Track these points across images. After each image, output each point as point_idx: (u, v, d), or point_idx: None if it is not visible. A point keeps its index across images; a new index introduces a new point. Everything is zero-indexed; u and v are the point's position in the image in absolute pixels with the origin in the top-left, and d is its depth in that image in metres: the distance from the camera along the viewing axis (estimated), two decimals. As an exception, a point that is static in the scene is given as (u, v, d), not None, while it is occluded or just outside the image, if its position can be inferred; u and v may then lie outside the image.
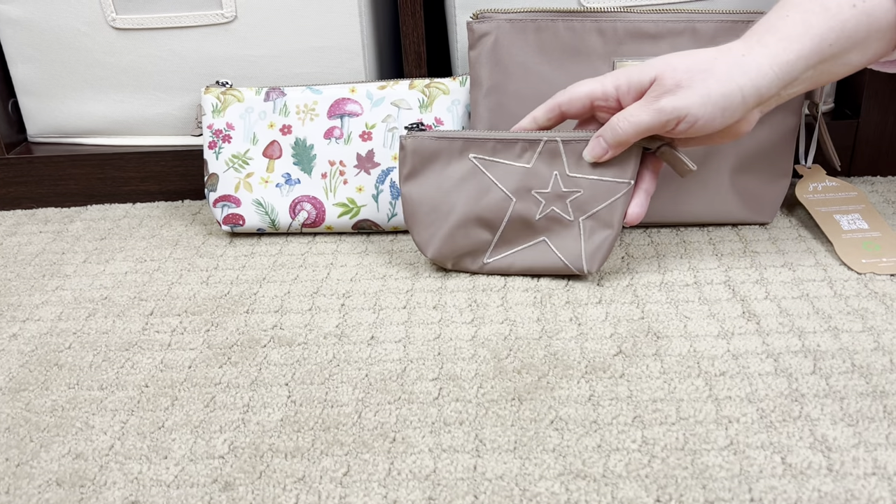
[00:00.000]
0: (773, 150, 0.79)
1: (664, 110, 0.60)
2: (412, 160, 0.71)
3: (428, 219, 0.72)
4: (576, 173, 0.69)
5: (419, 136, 0.71)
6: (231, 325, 0.69)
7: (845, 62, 0.59)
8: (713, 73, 0.59)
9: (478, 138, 0.70)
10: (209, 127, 0.84)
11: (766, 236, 0.79)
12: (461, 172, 0.71)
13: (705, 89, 0.59)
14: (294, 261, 0.80)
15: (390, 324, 0.68)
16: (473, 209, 0.70)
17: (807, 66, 0.58)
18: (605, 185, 0.69)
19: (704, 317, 0.67)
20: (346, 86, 0.83)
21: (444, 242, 0.71)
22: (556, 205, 0.70)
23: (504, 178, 0.70)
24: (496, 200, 0.70)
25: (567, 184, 0.69)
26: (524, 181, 0.70)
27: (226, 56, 0.88)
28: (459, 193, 0.71)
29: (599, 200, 0.69)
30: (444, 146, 0.70)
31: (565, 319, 0.67)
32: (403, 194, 0.72)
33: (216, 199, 0.84)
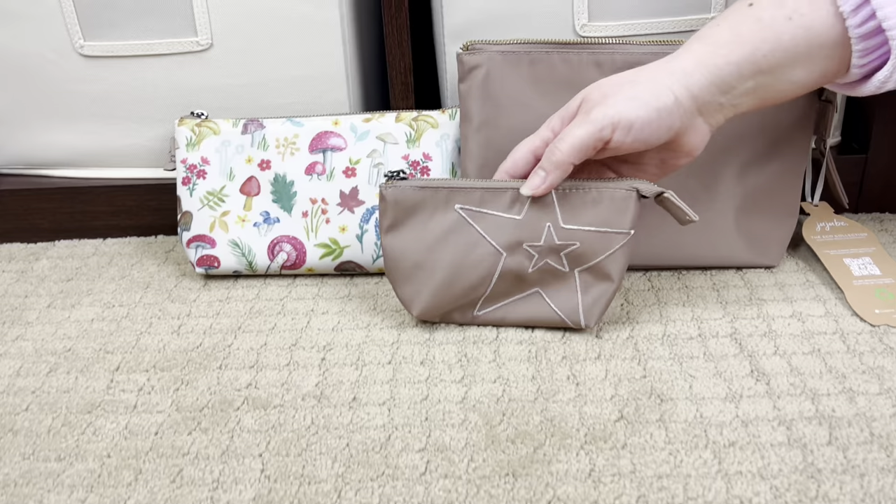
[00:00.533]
0: (780, 188, 0.75)
1: (596, 119, 0.58)
2: (393, 212, 0.66)
3: (412, 274, 0.67)
4: (571, 224, 0.64)
5: (400, 186, 0.66)
6: (202, 382, 0.64)
7: (790, 79, 0.58)
8: (639, 79, 0.58)
9: (464, 188, 0.65)
10: (183, 161, 0.79)
11: (773, 281, 0.75)
12: (447, 224, 0.66)
13: (632, 91, 0.58)
14: (272, 307, 0.75)
15: (374, 382, 0.63)
16: (461, 264, 0.66)
17: (740, 74, 0.57)
18: (601, 237, 0.64)
19: (711, 375, 0.62)
20: (329, 118, 0.78)
21: (430, 299, 0.67)
22: (550, 258, 0.65)
23: (493, 231, 0.65)
24: (485, 255, 0.65)
25: (561, 236, 0.64)
26: (515, 234, 0.65)
27: (201, 86, 0.83)
28: (445, 247, 0.66)
29: (597, 253, 0.64)
30: (428, 196, 0.66)
31: (562, 378, 0.63)
32: (384, 248, 0.67)
33: (190, 239, 0.79)
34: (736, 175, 0.74)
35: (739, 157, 0.74)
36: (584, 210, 0.64)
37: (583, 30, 0.78)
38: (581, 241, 0.64)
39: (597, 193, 0.63)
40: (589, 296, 0.66)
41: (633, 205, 0.63)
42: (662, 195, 0.63)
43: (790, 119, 0.72)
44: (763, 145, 0.74)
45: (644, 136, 0.58)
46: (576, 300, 0.66)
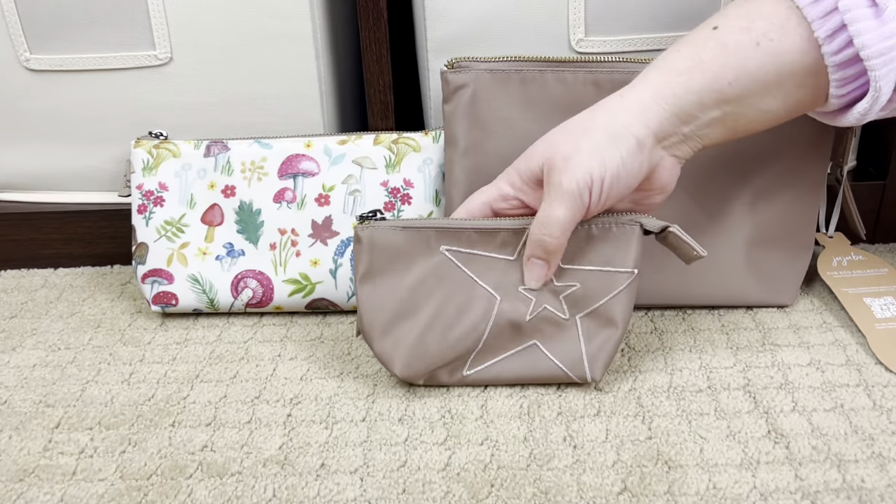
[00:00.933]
0: (794, 218, 0.68)
1: (571, 191, 0.53)
2: (369, 256, 0.59)
3: (391, 326, 0.59)
4: (569, 264, 0.58)
5: (378, 227, 0.59)
6: (152, 443, 0.57)
7: (760, 108, 0.53)
8: (594, 126, 0.54)
9: (451, 228, 0.58)
10: (139, 187, 0.72)
11: (787, 323, 0.68)
12: (431, 268, 0.59)
13: (592, 145, 0.53)
14: (235, 351, 0.68)
15: (345, 444, 0.56)
16: (449, 312, 0.59)
17: (701, 104, 0.53)
18: (603, 277, 0.57)
19: (723, 437, 0.56)
20: (301, 140, 0.71)
21: (412, 356, 0.59)
22: (549, 301, 0.58)
23: (485, 273, 0.58)
24: (477, 301, 0.58)
25: (560, 277, 0.58)
26: (509, 276, 0.58)
27: (160, 103, 0.75)
28: (430, 294, 0.59)
29: (599, 295, 0.58)
30: (410, 238, 0.58)
31: (558, 439, 0.56)
32: (359, 298, 0.60)
33: (145, 273, 0.72)
34: (747, 205, 0.68)
35: (750, 184, 0.67)
36: (583, 248, 0.57)
37: (579, 45, 0.71)
38: (581, 283, 0.58)
39: (595, 230, 0.57)
40: (593, 344, 0.59)
41: (636, 241, 0.57)
42: (667, 230, 0.56)
43: (805, 142, 0.66)
44: (776, 172, 0.67)
45: (618, 187, 0.54)
46: (579, 350, 0.59)
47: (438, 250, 0.58)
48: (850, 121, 0.54)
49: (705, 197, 0.67)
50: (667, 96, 0.53)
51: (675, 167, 0.56)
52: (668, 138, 0.54)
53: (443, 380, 0.61)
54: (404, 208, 0.70)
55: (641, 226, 0.57)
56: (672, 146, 0.55)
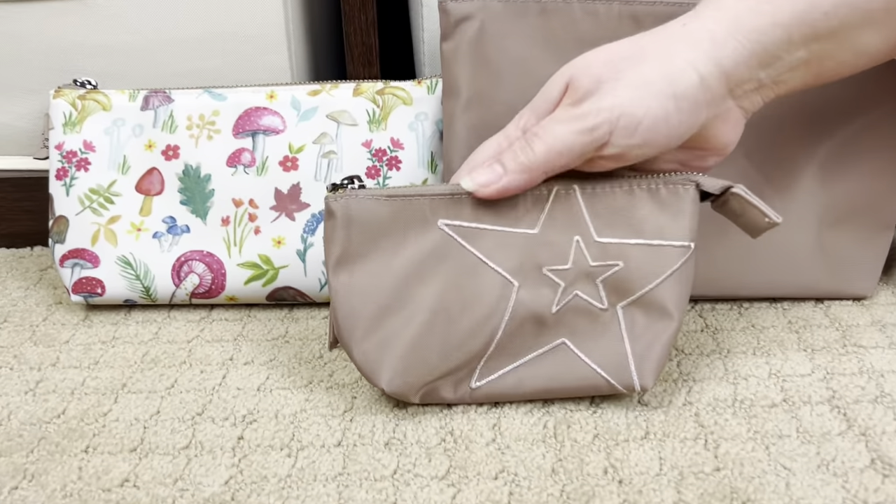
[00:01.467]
0: (873, 192, 0.55)
1: (587, 115, 0.41)
2: (346, 236, 0.45)
3: (377, 324, 0.45)
4: (608, 237, 0.44)
5: (356, 197, 0.44)
6: (55, 477, 0.43)
7: (856, 46, 0.42)
8: (644, 55, 0.42)
9: (451, 195, 0.44)
10: (58, 147, 0.57)
11: (868, 319, 0.55)
12: (427, 249, 0.45)
13: (639, 76, 0.41)
14: (175, 353, 0.53)
15: (314, 479, 0.42)
16: (452, 306, 0.45)
17: (789, 40, 0.41)
18: (652, 253, 0.44)
19: (814, 468, 0.42)
20: (263, 89, 0.57)
21: (404, 364, 0.45)
22: (582, 287, 0.45)
23: (498, 253, 0.45)
24: (488, 288, 0.45)
25: (597, 254, 0.44)
26: (530, 255, 0.45)
27: (87, 44, 0.61)
28: (426, 282, 0.45)
29: (646, 277, 0.44)
30: (399, 210, 0.45)
31: (597, 471, 0.42)
32: (333, 289, 0.45)
33: (64, 254, 0.57)
34: (817, 173, 0.55)
35: (823, 147, 0.54)
36: (625, 216, 0.44)
37: (611, -29, 0.57)
38: (625, 261, 0.44)
39: (640, 192, 0.44)
40: (641, 342, 0.45)
41: (691, 206, 0.44)
42: (730, 192, 0.43)
43: (891, 96, 0.53)
44: (856, 128, 0.54)
45: (657, 138, 0.42)
46: (623, 350, 0.45)
47: (436, 225, 0.45)
48: None
49: (768, 161, 0.54)
50: (747, 30, 0.41)
51: (740, 122, 0.44)
52: (741, 85, 0.42)
53: (445, 395, 0.46)
54: (392, 175, 0.56)
55: (698, 186, 0.44)
56: (743, 95, 0.43)
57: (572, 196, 0.44)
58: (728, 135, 0.44)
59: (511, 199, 0.45)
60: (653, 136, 0.41)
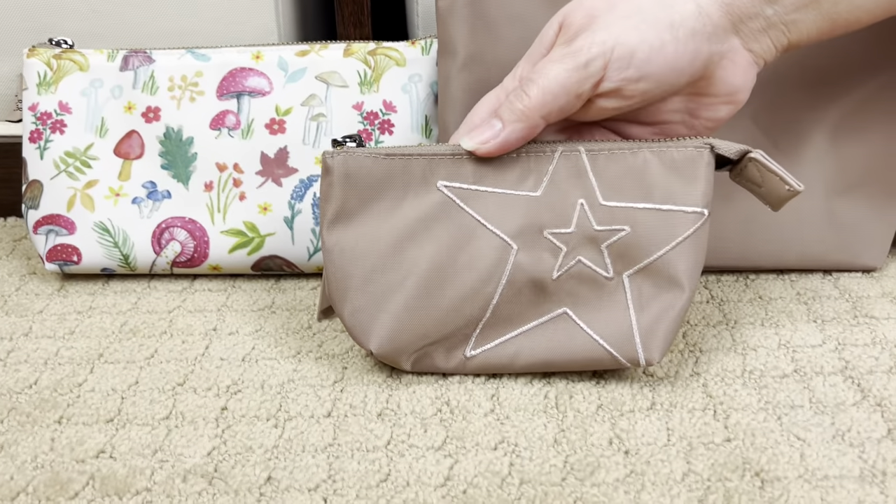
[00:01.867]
0: (883, 158, 0.53)
1: (581, 50, 0.39)
2: (343, 192, 0.42)
3: (369, 284, 0.43)
4: (615, 201, 0.42)
5: (355, 154, 0.42)
6: (26, 448, 0.40)
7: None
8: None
9: (451, 154, 0.42)
10: (32, 108, 0.55)
11: (879, 290, 0.53)
12: (425, 209, 0.43)
13: (633, 5, 0.39)
14: (155, 323, 0.50)
15: (302, 449, 0.40)
16: (447, 268, 0.42)
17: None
18: (662, 218, 0.42)
19: (829, 438, 0.40)
20: (248, 49, 0.54)
21: (397, 324, 0.43)
22: (585, 253, 0.42)
23: (497, 215, 0.42)
24: (485, 251, 0.42)
25: (602, 218, 0.42)
26: (531, 217, 0.42)
27: (63, 1, 0.58)
28: (422, 244, 0.42)
29: (655, 244, 0.42)
30: (397, 169, 0.42)
31: (602, 442, 0.40)
32: (327, 247, 0.43)
33: (38, 220, 0.54)
34: (826, 140, 0.52)
35: (832, 112, 0.52)
36: (634, 180, 0.42)
37: (613, -71, 0.54)
38: (632, 226, 0.42)
39: (650, 155, 0.42)
40: (648, 313, 0.42)
41: (705, 170, 0.42)
42: (748, 156, 0.41)
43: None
44: (867, 91, 0.52)
45: (654, 71, 0.39)
46: (628, 321, 0.43)
47: (435, 186, 0.43)
48: None
49: (776, 124, 0.52)
50: None
51: (751, 68, 0.41)
52: (745, 21, 0.40)
53: (437, 363, 0.44)
54: (384, 139, 0.54)
55: (713, 149, 0.41)
56: (750, 35, 0.40)
57: (577, 157, 0.42)
58: (737, 79, 0.41)
59: (513, 160, 0.42)
60: (650, 67, 0.39)
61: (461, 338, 0.43)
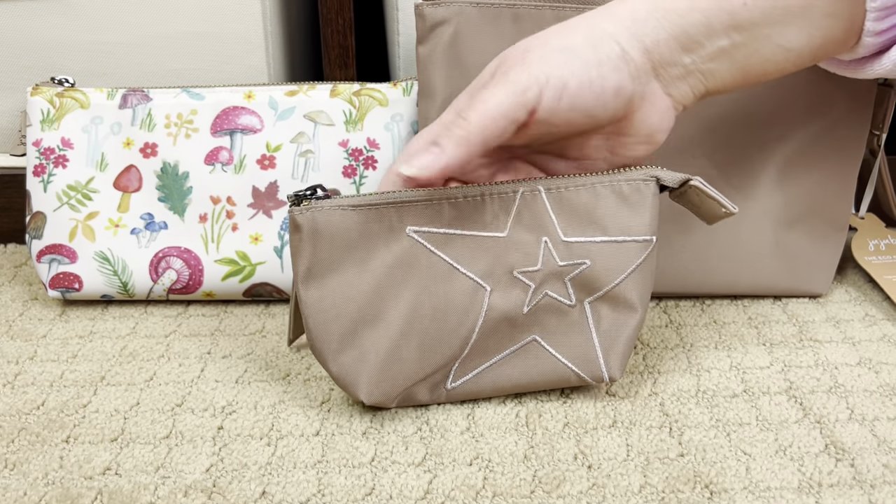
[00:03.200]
0: (828, 194, 0.58)
1: (518, 81, 0.41)
2: (313, 248, 0.44)
3: (351, 338, 0.45)
4: (575, 236, 0.45)
5: (322, 208, 0.43)
6: (37, 465, 0.43)
7: (780, 41, 0.43)
8: (569, 28, 0.43)
9: (418, 201, 0.44)
10: (36, 143, 0.58)
11: (823, 315, 0.57)
12: (397, 257, 0.44)
13: (564, 41, 0.42)
14: (153, 347, 0.54)
15: (294, 466, 0.43)
16: (426, 313, 0.45)
17: (709, 27, 0.42)
18: (617, 249, 0.46)
19: (772, 453, 0.44)
20: (241, 89, 0.58)
21: (382, 374, 0.45)
22: (551, 286, 0.46)
23: (468, 258, 0.45)
24: (461, 294, 0.45)
25: (564, 254, 0.45)
26: (501, 258, 0.45)
27: (66, 41, 0.62)
28: (398, 291, 0.45)
29: (612, 272, 0.46)
30: (367, 220, 0.44)
31: (568, 457, 0.44)
32: (304, 303, 0.44)
33: (41, 250, 0.57)
34: (776, 176, 0.57)
35: (781, 151, 0.57)
36: (590, 215, 0.45)
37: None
38: (592, 259, 0.45)
39: (604, 190, 0.45)
40: (607, 335, 0.47)
41: (652, 200, 0.46)
42: (688, 184, 0.45)
43: (844, 101, 0.56)
44: (810, 135, 0.56)
45: (582, 103, 0.42)
46: (591, 343, 0.47)
47: (404, 233, 0.44)
48: (879, 69, 0.43)
49: (730, 165, 0.56)
50: (666, 10, 0.42)
51: (669, 112, 0.44)
52: (665, 67, 0.43)
53: (421, 398, 0.47)
54: (368, 174, 0.58)
55: (658, 180, 0.45)
56: (669, 81, 0.44)
57: (538, 197, 0.45)
58: (655, 121, 0.44)
59: (479, 203, 0.45)
60: (579, 100, 0.41)
61: (442, 374, 0.47)
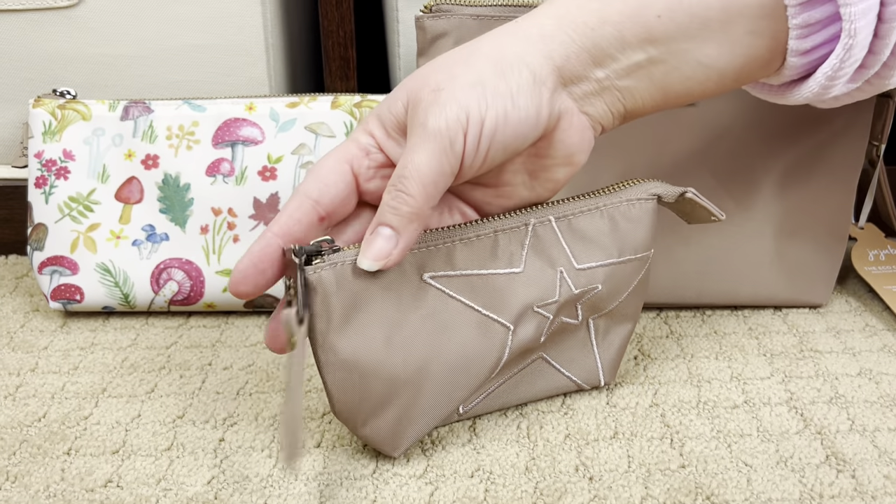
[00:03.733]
0: (827, 205, 0.58)
1: (438, 132, 0.38)
2: (332, 309, 0.39)
3: (390, 399, 0.42)
4: (588, 262, 0.44)
5: (338, 264, 0.39)
6: (38, 478, 0.43)
7: (699, 58, 0.41)
8: (478, 54, 0.40)
9: (428, 245, 0.42)
10: (38, 155, 0.58)
11: (824, 325, 0.57)
12: (419, 307, 0.41)
13: (474, 75, 0.39)
14: (154, 359, 0.54)
15: (295, 478, 0.43)
16: (457, 362, 0.42)
17: (622, 40, 0.40)
18: (624, 269, 0.46)
19: (773, 464, 0.44)
20: (242, 101, 0.58)
21: (419, 430, 0.44)
22: (565, 312, 0.45)
23: (488, 299, 0.43)
24: (484, 336, 0.43)
25: (578, 281, 0.44)
26: (520, 294, 0.43)
27: (67, 54, 0.62)
28: (424, 343, 0.42)
29: (620, 290, 0.46)
30: (381, 273, 0.40)
31: (569, 469, 0.44)
32: (326, 366, 0.41)
33: (43, 261, 0.58)
34: (776, 187, 0.57)
35: (781, 162, 0.57)
36: (599, 239, 0.45)
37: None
38: (602, 283, 0.45)
39: (607, 211, 0.45)
40: (607, 347, 0.48)
41: (652, 216, 0.46)
42: (684, 196, 0.45)
43: (843, 113, 0.56)
44: (810, 148, 0.57)
45: (501, 139, 0.39)
46: (592, 356, 0.47)
47: (422, 280, 0.42)
48: (806, 93, 0.41)
49: (730, 176, 0.57)
50: (576, 24, 0.40)
51: (587, 131, 0.42)
52: (576, 82, 0.41)
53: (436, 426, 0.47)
54: (368, 185, 0.58)
55: (659, 198, 0.46)
56: (583, 97, 0.42)
57: (548, 227, 0.44)
58: (574, 140, 0.42)
59: (489, 239, 0.43)
60: (503, 131, 0.39)
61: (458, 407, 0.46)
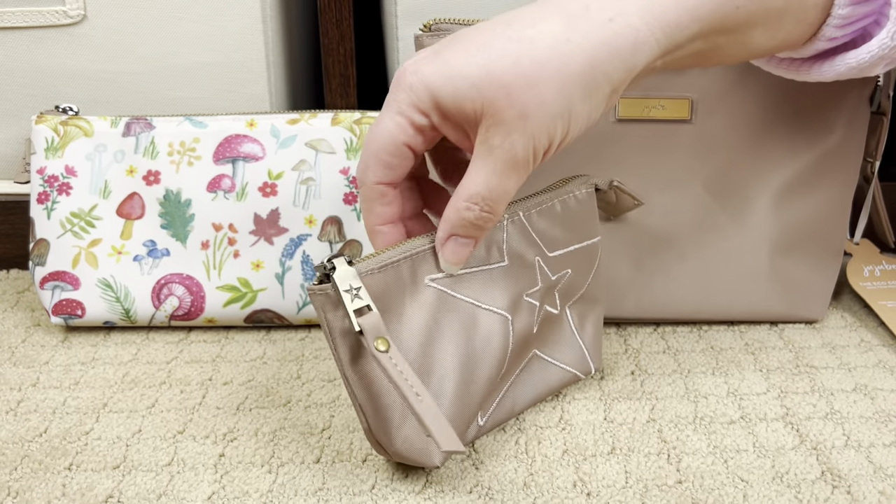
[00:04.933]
0: (823, 220, 0.59)
1: (527, 161, 0.39)
2: None
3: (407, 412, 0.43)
4: (556, 250, 0.48)
5: (362, 271, 0.41)
6: (40, 493, 0.44)
7: (747, 42, 0.42)
8: (571, 68, 0.38)
9: (425, 249, 0.43)
10: (40, 171, 0.59)
11: (819, 341, 0.58)
12: (426, 309, 0.43)
13: (564, 101, 0.38)
14: (154, 374, 0.54)
15: (295, 494, 0.44)
16: (470, 357, 0.44)
17: (699, 33, 0.39)
18: (584, 254, 0.50)
19: (769, 480, 0.45)
20: (243, 118, 0.59)
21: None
22: (547, 300, 0.49)
23: (485, 293, 0.45)
24: (492, 330, 0.45)
25: (553, 268, 0.48)
26: (511, 286, 0.46)
27: (70, 71, 0.63)
28: (439, 345, 0.43)
29: (584, 275, 0.50)
30: (389, 279, 0.42)
31: (567, 484, 0.44)
32: (354, 383, 0.42)
33: (45, 277, 0.58)
34: (771, 203, 0.58)
35: (776, 178, 0.57)
36: (559, 228, 0.48)
37: (577, 12, 0.60)
38: (571, 267, 0.49)
39: (560, 204, 0.48)
40: (586, 331, 0.52)
41: (594, 204, 0.50)
42: (612, 183, 0.50)
43: (840, 131, 0.57)
44: (805, 164, 0.57)
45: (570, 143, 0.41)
46: (577, 343, 0.51)
47: (424, 284, 0.43)
48: (833, 72, 0.44)
49: (725, 193, 0.57)
50: (665, 25, 0.38)
51: None
52: (636, 78, 0.40)
53: (468, 439, 0.46)
54: (368, 201, 0.58)
55: (596, 186, 0.50)
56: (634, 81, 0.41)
57: (519, 222, 0.46)
58: None
59: None
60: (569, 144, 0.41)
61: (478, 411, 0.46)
